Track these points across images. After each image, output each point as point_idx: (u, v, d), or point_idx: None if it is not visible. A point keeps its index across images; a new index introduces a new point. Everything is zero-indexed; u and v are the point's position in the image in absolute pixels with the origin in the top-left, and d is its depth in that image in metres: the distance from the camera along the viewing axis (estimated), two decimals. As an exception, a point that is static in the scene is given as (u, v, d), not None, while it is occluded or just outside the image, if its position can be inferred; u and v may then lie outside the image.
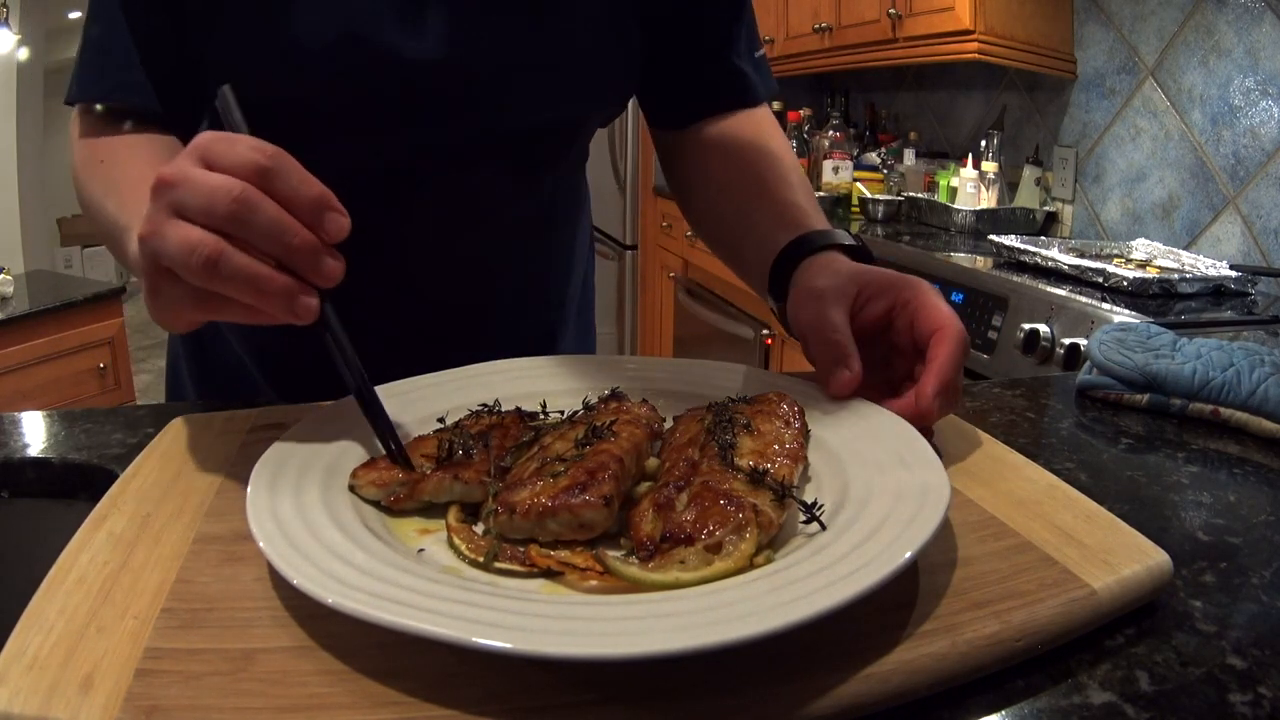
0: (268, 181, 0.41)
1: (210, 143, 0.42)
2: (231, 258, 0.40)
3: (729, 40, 0.78)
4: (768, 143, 0.77)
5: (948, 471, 0.42)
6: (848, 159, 2.63)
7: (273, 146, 0.42)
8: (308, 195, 0.42)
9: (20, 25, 4.02)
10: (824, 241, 0.63)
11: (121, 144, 0.63)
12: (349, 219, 0.43)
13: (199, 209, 0.40)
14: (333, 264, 0.43)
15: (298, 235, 0.41)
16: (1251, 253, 1.70)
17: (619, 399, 0.53)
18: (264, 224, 0.41)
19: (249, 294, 0.41)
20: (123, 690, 0.31)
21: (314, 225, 0.42)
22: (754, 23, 0.80)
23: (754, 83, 0.79)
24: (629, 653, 0.30)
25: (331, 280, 0.43)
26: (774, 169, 0.74)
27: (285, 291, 0.42)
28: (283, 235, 0.41)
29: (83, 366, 2.73)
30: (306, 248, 0.42)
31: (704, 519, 0.38)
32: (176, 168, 0.42)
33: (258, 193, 0.41)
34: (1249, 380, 0.65)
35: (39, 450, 0.58)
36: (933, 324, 0.53)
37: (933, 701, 0.34)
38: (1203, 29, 1.78)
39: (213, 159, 0.42)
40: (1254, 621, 0.40)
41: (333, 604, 0.32)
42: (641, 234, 3.41)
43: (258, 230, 0.41)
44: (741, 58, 0.78)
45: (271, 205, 0.41)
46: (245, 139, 0.43)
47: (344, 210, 0.43)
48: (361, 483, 0.44)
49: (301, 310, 0.42)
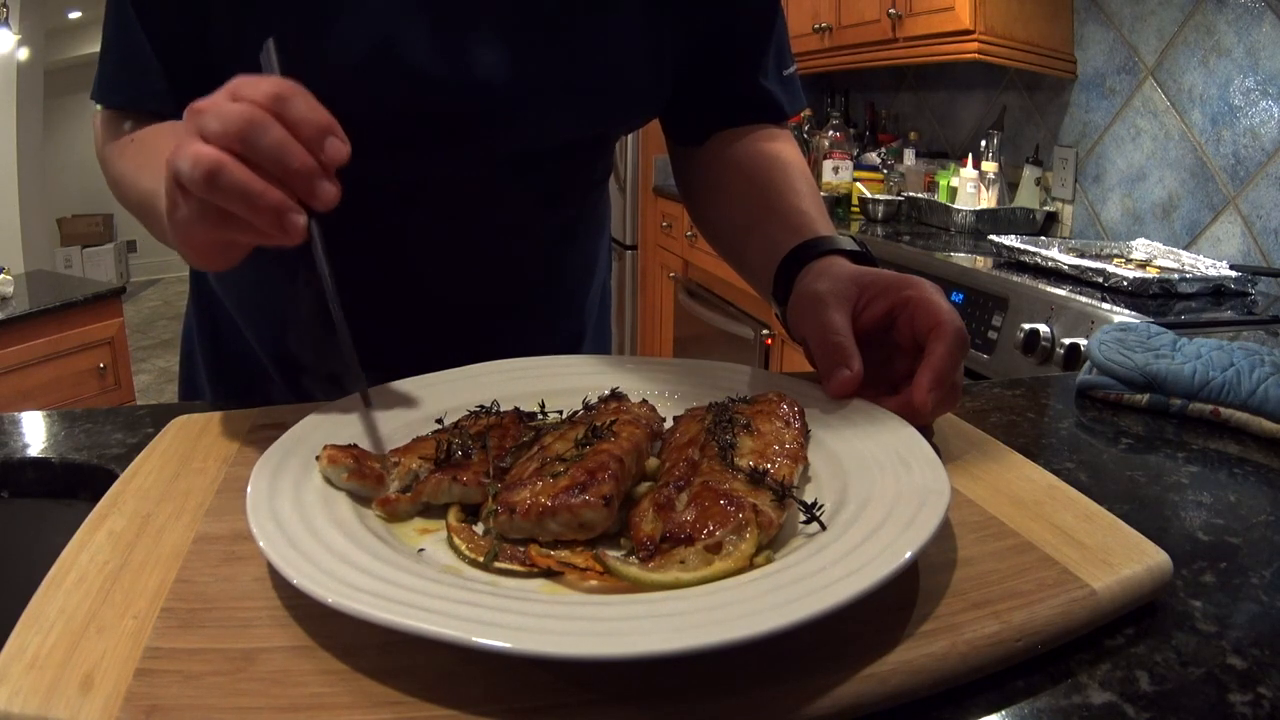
0: (280, 106, 0.44)
1: (241, 80, 0.46)
2: (229, 170, 0.43)
3: (757, 62, 0.78)
4: (780, 153, 0.77)
5: (948, 471, 0.42)
6: (848, 159, 2.63)
7: (294, 83, 0.45)
8: (314, 122, 0.45)
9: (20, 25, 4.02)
10: (826, 247, 0.63)
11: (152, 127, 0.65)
12: (349, 146, 0.46)
13: (215, 130, 0.43)
14: (328, 188, 0.45)
15: (298, 158, 0.44)
16: (1251, 253, 1.70)
17: (619, 399, 0.53)
18: (269, 145, 0.43)
19: (243, 206, 0.43)
20: (123, 690, 0.31)
21: (316, 150, 0.45)
22: (785, 40, 0.80)
23: (780, 102, 0.80)
24: (629, 653, 0.30)
25: (325, 203, 0.45)
26: (785, 178, 0.74)
27: (276, 207, 0.44)
28: (284, 156, 0.44)
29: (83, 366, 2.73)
30: (305, 170, 0.44)
31: (704, 519, 0.38)
32: (208, 99, 0.45)
33: (268, 116, 0.44)
34: (1249, 380, 0.65)
35: (39, 450, 0.58)
36: (931, 321, 0.53)
37: (933, 701, 0.34)
38: (1203, 29, 1.78)
39: (238, 91, 0.45)
40: (1254, 621, 0.40)
41: (333, 604, 0.32)
42: (641, 234, 3.41)
43: (263, 150, 0.43)
44: (769, 78, 0.79)
45: (278, 128, 0.44)
46: (271, 77, 0.46)
47: (346, 138, 0.46)
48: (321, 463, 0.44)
49: (290, 226, 0.44)
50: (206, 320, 0.84)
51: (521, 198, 0.73)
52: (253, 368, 0.80)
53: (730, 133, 0.79)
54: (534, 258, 0.78)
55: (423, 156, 0.67)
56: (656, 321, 3.40)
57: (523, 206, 0.74)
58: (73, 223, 6.39)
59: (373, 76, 0.62)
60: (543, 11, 0.65)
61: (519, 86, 0.65)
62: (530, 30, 0.65)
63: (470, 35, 0.63)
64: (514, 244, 0.76)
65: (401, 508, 0.44)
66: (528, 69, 0.65)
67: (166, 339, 5.33)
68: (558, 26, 0.66)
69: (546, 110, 0.68)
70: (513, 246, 0.76)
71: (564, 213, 0.79)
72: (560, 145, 0.72)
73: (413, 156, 0.67)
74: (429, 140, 0.67)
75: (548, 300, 0.82)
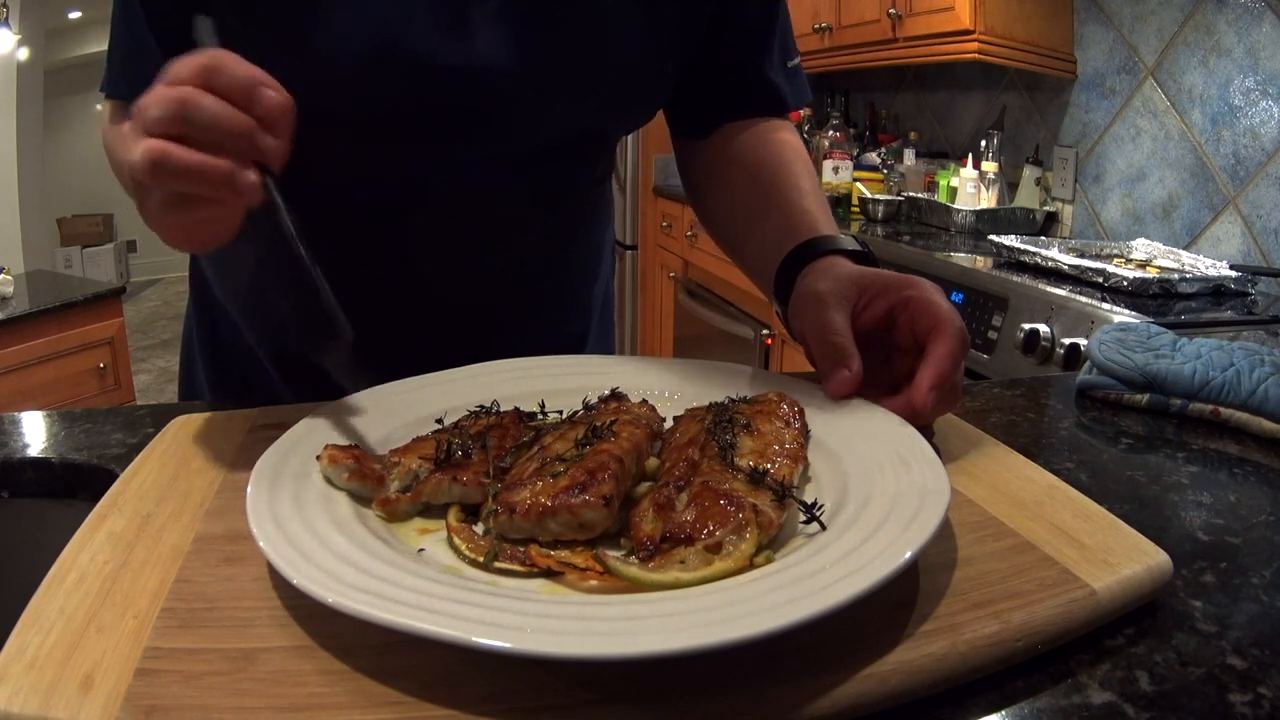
0: (209, 78, 0.44)
1: (172, 64, 0.45)
2: (171, 155, 0.43)
3: (760, 53, 0.78)
4: (784, 149, 0.77)
5: (948, 471, 0.42)
6: (848, 159, 2.63)
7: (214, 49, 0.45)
8: (242, 82, 0.44)
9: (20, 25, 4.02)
10: (827, 247, 0.63)
11: None
12: (285, 95, 0.45)
13: (155, 119, 0.44)
14: (270, 141, 0.45)
15: (232, 120, 0.44)
16: (1251, 253, 1.70)
17: (619, 399, 0.53)
18: (204, 119, 0.43)
19: (195, 184, 0.44)
20: (123, 690, 0.31)
21: (251, 108, 0.44)
22: (788, 32, 0.80)
23: (784, 94, 0.79)
24: (629, 653, 0.30)
25: (270, 157, 0.45)
26: (788, 175, 0.74)
27: (225, 173, 0.44)
28: (219, 123, 0.44)
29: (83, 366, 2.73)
30: (242, 130, 0.44)
31: (704, 519, 0.38)
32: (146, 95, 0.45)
33: (196, 92, 0.44)
34: (1249, 380, 0.65)
35: (39, 450, 0.58)
36: (931, 320, 0.53)
37: (933, 701, 0.34)
38: (1203, 29, 1.78)
39: (170, 75, 0.45)
40: (1254, 621, 0.40)
41: (333, 604, 0.32)
42: (641, 234, 3.41)
43: (201, 125, 0.43)
44: (773, 69, 0.78)
45: (209, 99, 0.44)
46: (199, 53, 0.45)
47: (278, 87, 0.45)
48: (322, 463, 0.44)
49: (243, 186, 0.44)
50: (206, 321, 0.85)
51: (522, 196, 0.73)
52: (252, 368, 0.80)
53: (734, 126, 0.79)
54: (536, 256, 0.78)
55: (424, 150, 0.67)
56: (656, 321, 3.40)
57: (524, 205, 0.74)
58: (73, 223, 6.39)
59: (374, 67, 0.62)
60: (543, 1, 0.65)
61: (518, 76, 0.65)
62: (530, 19, 0.65)
63: (470, 23, 0.63)
64: (515, 242, 0.75)
65: (401, 508, 0.44)
66: (527, 58, 0.65)
67: (166, 339, 5.33)
68: (557, 16, 0.66)
69: (546, 101, 0.68)
70: (514, 245, 0.76)
71: (565, 211, 0.79)
72: (561, 141, 0.72)
73: (415, 149, 0.67)
74: (430, 133, 0.66)
75: (551, 299, 0.82)
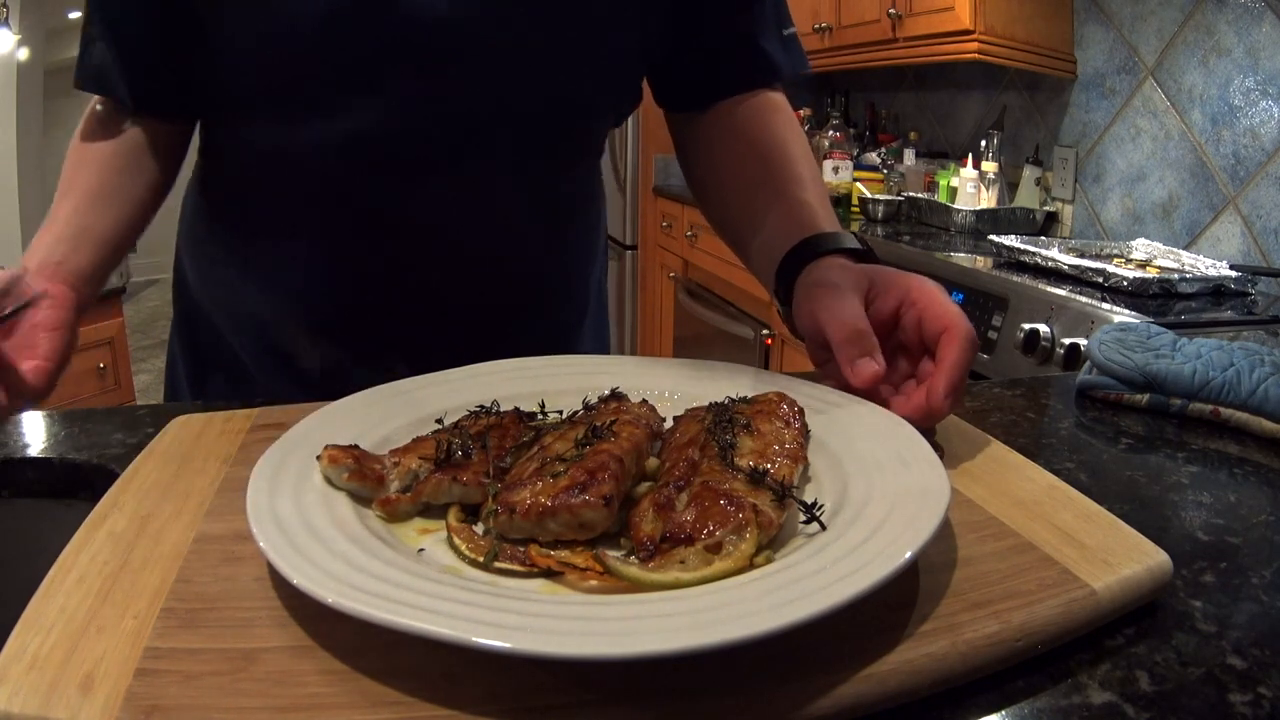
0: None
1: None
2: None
3: (752, 19, 0.76)
4: (782, 134, 0.76)
5: (948, 471, 0.42)
6: (848, 159, 2.63)
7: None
8: None
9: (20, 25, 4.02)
10: (829, 246, 0.62)
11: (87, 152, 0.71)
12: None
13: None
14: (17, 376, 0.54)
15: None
16: (1251, 253, 1.70)
17: (619, 399, 0.53)
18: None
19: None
20: (123, 690, 0.31)
21: None
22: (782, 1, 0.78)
23: (778, 62, 0.77)
24: (629, 653, 0.30)
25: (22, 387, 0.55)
26: (787, 164, 0.73)
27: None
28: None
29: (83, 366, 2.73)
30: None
31: (704, 519, 0.38)
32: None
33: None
34: (1249, 380, 0.65)
35: (39, 450, 0.58)
36: (942, 323, 0.53)
37: (933, 701, 0.34)
38: (1203, 29, 1.78)
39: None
40: (1254, 621, 0.40)
41: (333, 604, 0.32)
42: (641, 234, 3.41)
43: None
44: (766, 36, 0.77)
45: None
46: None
47: None
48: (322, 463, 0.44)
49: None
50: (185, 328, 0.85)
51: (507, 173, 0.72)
52: (235, 374, 0.80)
53: (730, 103, 0.78)
54: (524, 242, 0.77)
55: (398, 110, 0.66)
56: (656, 321, 3.40)
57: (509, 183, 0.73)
58: (73, 223, 6.38)
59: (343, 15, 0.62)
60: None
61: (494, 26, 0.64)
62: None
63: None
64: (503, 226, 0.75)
65: (401, 508, 0.44)
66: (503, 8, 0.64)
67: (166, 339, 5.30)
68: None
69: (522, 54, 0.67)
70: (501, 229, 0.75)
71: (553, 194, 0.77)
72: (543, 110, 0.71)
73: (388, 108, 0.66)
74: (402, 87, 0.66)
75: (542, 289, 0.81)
